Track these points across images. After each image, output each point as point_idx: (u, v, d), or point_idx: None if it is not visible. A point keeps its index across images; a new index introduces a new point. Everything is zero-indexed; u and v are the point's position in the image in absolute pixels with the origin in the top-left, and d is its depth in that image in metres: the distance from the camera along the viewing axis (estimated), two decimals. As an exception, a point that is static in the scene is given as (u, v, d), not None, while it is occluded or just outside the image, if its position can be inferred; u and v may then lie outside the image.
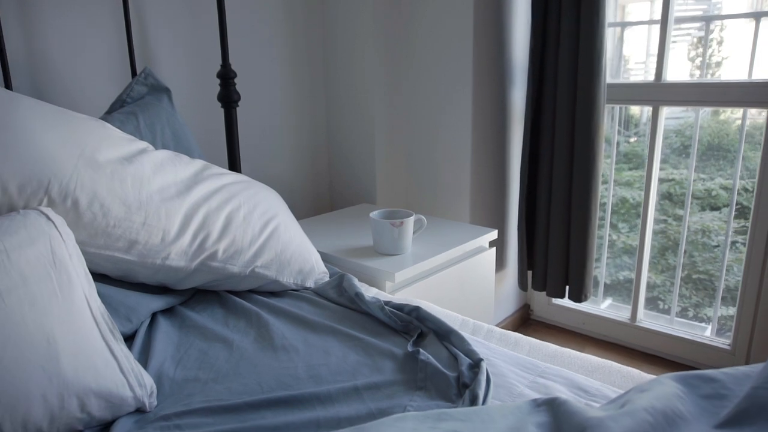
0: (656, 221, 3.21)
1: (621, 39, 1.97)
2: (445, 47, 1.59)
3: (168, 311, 0.98)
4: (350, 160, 1.72)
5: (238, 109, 1.35)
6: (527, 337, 0.90)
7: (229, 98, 1.31)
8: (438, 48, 1.60)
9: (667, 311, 1.92)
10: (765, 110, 1.47)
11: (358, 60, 1.61)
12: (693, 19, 1.72)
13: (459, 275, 1.31)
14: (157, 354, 0.84)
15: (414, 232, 1.26)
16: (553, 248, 1.64)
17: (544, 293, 1.73)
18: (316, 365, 0.80)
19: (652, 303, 1.89)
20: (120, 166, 0.91)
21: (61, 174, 0.83)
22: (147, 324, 0.92)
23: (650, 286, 2.00)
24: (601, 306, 1.91)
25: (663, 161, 2.30)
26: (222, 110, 1.33)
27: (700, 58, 1.92)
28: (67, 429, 0.65)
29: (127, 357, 0.73)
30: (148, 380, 0.74)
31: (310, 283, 1.05)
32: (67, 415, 0.65)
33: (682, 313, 2.00)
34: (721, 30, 1.82)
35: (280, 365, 0.81)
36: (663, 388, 0.53)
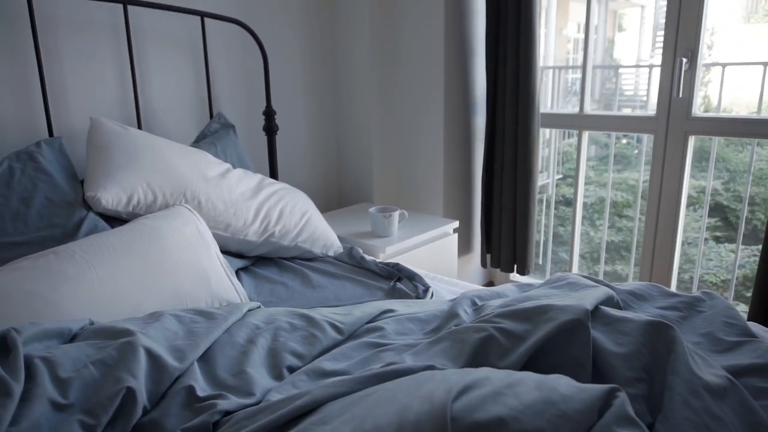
0: (630, 219, 3.95)
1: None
2: (423, 87, 2.27)
3: (243, 269, 1.65)
4: (353, 171, 2.41)
5: (276, 136, 2.03)
6: (463, 281, 1.58)
7: (271, 129, 2.00)
8: (418, 88, 2.29)
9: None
10: (653, 135, 2.14)
11: (360, 100, 2.30)
12: (605, 66, 2.40)
13: (430, 253, 1.99)
14: (244, 290, 1.52)
15: (399, 222, 1.94)
16: (504, 235, 2.33)
17: (499, 270, 2.41)
18: (338, 294, 1.49)
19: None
20: (219, 180, 1.59)
21: (191, 185, 1.51)
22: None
23: (623, 279, 2.66)
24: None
25: (645, 163, 2.97)
26: (266, 138, 2.02)
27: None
28: (213, 318, 1.33)
29: (238, 285, 1.41)
30: (247, 299, 1.42)
31: (331, 253, 1.73)
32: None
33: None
34: (712, 34, 2.36)
35: (318, 295, 1.49)
36: (504, 288, 1.22)
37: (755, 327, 1.14)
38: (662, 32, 2.02)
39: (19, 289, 1.09)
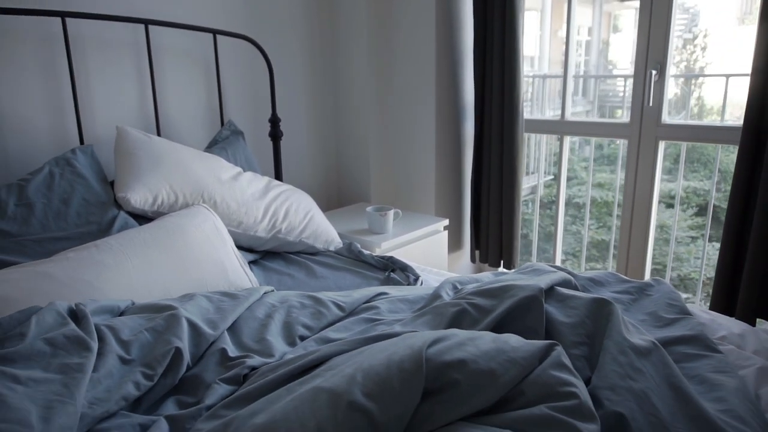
0: (620, 218, 4.14)
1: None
2: (416, 95, 2.50)
3: (253, 262, 1.87)
4: (352, 173, 2.63)
5: (281, 141, 2.25)
6: (449, 272, 1.80)
7: (276, 135, 2.21)
8: (411, 97, 2.51)
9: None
10: (627, 140, 2.37)
11: (358, 107, 2.52)
12: (585, 76, 2.62)
13: (422, 248, 2.21)
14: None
15: (393, 220, 2.17)
16: (492, 233, 2.55)
17: (487, 265, 2.63)
18: (339, 284, 1.71)
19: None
20: (232, 182, 1.81)
21: (208, 187, 1.73)
22: (245, 268, 1.82)
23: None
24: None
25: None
26: (271, 143, 2.24)
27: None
28: (230, 303, 1.55)
29: (251, 275, 1.63)
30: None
31: (332, 248, 1.95)
32: (231, 296, 1.54)
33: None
34: (705, 36, 2.58)
35: (321, 284, 1.71)
36: (481, 275, 1.44)
37: (693, 307, 1.36)
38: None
39: (70, 276, 1.30)
